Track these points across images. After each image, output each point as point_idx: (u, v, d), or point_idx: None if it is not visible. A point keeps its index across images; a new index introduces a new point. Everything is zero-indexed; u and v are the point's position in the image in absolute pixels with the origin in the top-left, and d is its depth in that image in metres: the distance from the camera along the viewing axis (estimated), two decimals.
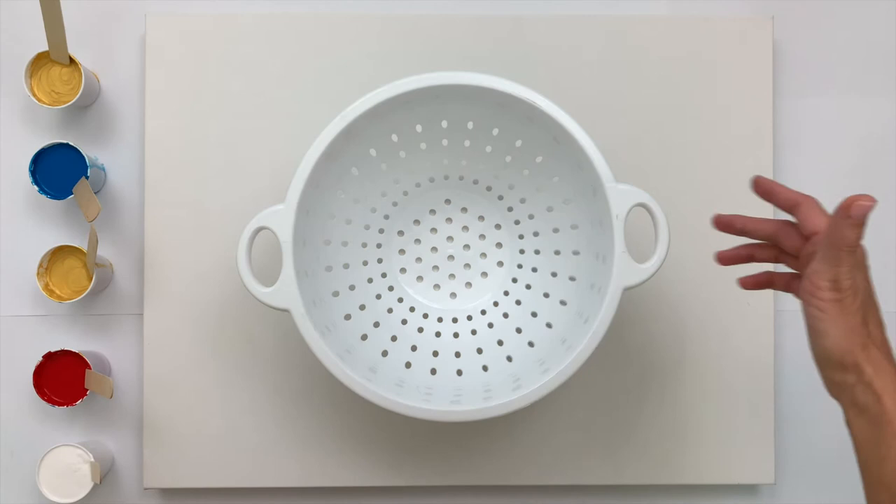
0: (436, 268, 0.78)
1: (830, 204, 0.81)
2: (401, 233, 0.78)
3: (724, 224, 0.64)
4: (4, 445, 0.80)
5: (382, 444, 0.79)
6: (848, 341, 0.54)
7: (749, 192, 0.79)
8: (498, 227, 0.78)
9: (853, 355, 0.54)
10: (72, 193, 0.75)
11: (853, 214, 0.53)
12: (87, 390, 0.75)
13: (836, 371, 0.55)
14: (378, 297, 0.77)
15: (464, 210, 0.78)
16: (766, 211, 0.79)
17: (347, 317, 0.74)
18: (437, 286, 0.78)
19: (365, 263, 0.77)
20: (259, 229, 0.67)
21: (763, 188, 0.63)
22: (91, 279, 0.76)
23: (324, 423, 0.79)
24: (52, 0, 0.72)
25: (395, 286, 0.77)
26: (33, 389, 0.76)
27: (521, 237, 0.77)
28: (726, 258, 0.66)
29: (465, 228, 0.78)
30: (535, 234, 0.77)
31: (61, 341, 0.79)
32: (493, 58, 0.79)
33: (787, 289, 0.64)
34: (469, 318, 0.77)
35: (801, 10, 0.82)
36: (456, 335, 0.76)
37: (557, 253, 0.76)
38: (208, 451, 0.78)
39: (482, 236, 0.78)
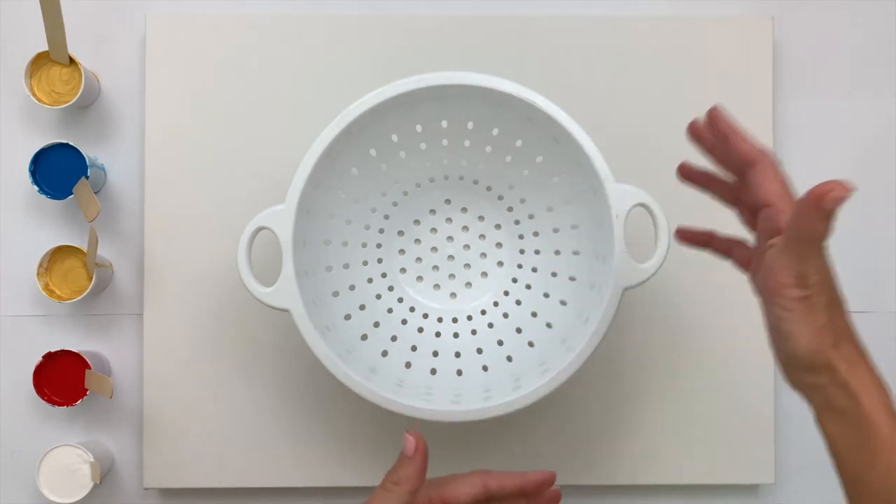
0: (436, 268, 0.78)
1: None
2: (401, 233, 0.78)
3: (711, 120, 0.55)
4: (4, 445, 0.80)
5: (382, 444, 0.79)
6: (818, 342, 0.49)
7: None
8: (498, 227, 0.78)
9: (825, 355, 0.49)
10: (72, 193, 0.75)
11: (827, 207, 0.46)
12: (87, 390, 0.75)
13: (805, 373, 0.50)
14: (378, 297, 0.77)
15: (464, 210, 0.78)
16: None
17: (347, 317, 0.74)
18: (437, 286, 0.78)
19: (365, 263, 0.77)
20: (259, 229, 0.67)
21: (718, 128, 0.54)
22: (91, 279, 0.76)
23: (324, 423, 0.79)
24: (52, 0, 0.72)
25: (394, 286, 0.77)
26: (33, 389, 0.76)
27: (521, 237, 0.77)
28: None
29: (465, 228, 0.78)
30: (535, 234, 0.77)
31: (61, 341, 0.79)
32: (493, 58, 0.79)
33: (726, 254, 0.59)
34: (469, 318, 0.77)
35: (801, 10, 0.82)
36: (456, 335, 0.76)
37: (557, 253, 0.76)
38: (208, 451, 0.78)
39: (482, 236, 0.78)
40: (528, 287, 0.77)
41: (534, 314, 0.75)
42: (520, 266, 0.77)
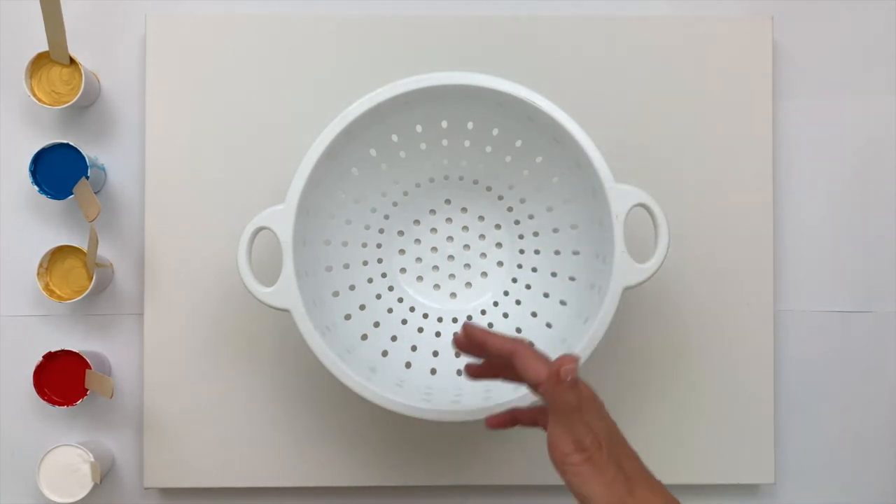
0: (436, 268, 0.78)
1: (829, 209, 0.81)
2: (401, 233, 0.78)
3: (466, 335, 0.60)
4: (4, 445, 0.80)
5: (382, 444, 0.79)
6: (614, 495, 0.53)
7: (747, 193, 0.80)
8: (498, 227, 0.78)
9: None
10: (72, 193, 0.75)
11: (563, 379, 0.52)
12: (87, 390, 0.75)
13: None
14: (378, 297, 0.77)
15: (464, 210, 0.78)
16: (765, 210, 0.80)
17: (347, 317, 0.74)
18: (437, 286, 0.78)
19: (365, 263, 0.77)
20: (259, 229, 0.67)
21: (474, 340, 0.59)
22: (91, 279, 0.76)
23: (324, 423, 0.79)
24: (52, 0, 0.72)
25: (395, 286, 0.77)
26: (33, 389, 0.76)
27: (520, 237, 0.77)
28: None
29: (465, 228, 0.78)
30: (535, 234, 0.77)
31: (61, 341, 0.79)
32: (493, 58, 0.79)
33: (533, 424, 0.62)
34: (469, 318, 0.77)
35: (801, 10, 0.82)
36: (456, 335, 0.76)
37: (557, 253, 0.76)
38: (208, 451, 0.78)
39: (482, 236, 0.78)
40: (528, 287, 0.77)
41: (534, 314, 0.75)
42: (520, 266, 0.77)
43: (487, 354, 0.60)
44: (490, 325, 0.76)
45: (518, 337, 0.59)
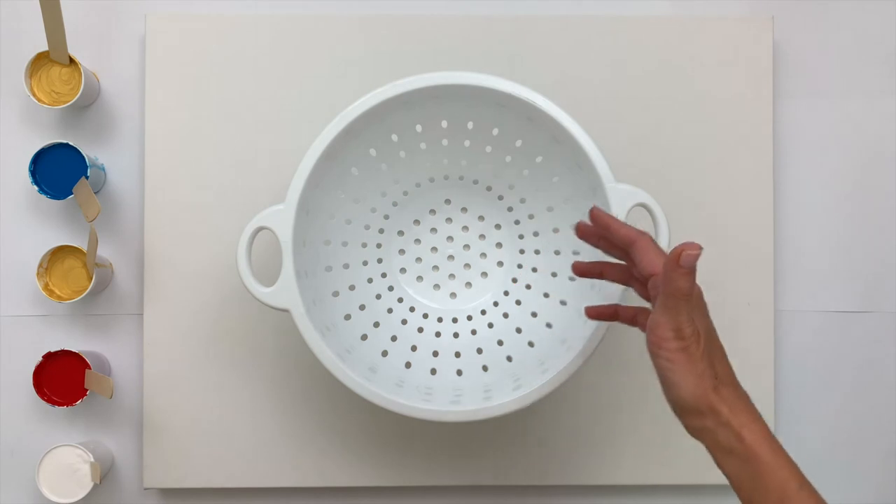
0: (436, 268, 0.78)
1: (829, 209, 0.82)
2: (401, 233, 0.78)
3: (593, 217, 0.61)
4: (4, 445, 0.80)
5: (382, 444, 0.79)
6: (700, 387, 0.55)
7: (748, 192, 0.80)
8: (498, 227, 0.78)
9: (707, 399, 0.55)
10: (72, 193, 0.75)
11: (683, 264, 0.53)
12: (87, 390, 0.75)
13: (694, 417, 0.55)
14: (378, 297, 0.77)
15: (464, 210, 0.78)
16: (765, 210, 0.80)
17: (347, 317, 0.74)
18: (437, 286, 0.78)
19: (365, 263, 0.77)
20: (259, 229, 0.67)
21: (599, 223, 0.60)
22: (91, 279, 0.76)
23: (324, 423, 0.79)
24: (52, 0, 0.72)
25: (394, 286, 0.77)
26: (33, 389, 0.76)
27: (521, 237, 0.77)
28: (580, 270, 0.65)
29: (465, 228, 0.78)
30: (535, 234, 0.77)
31: (61, 341, 0.79)
32: (493, 58, 0.79)
33: (632, 322, 0.63)
34: (469, 318, 0.77)
35: (801, 10, 0.82)
36: (456, 335, 0.76)
37: (557, 253, 0.76)
38: (208, 451, 0.78)
39: (482, 236, 0.78)
40: (528, 287, 0.77)
41: (534, 314, 0.75)
42: (520, 266, 0.77)
43: (609, 240, 0.61)
44: (490, 325, 0.76)
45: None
